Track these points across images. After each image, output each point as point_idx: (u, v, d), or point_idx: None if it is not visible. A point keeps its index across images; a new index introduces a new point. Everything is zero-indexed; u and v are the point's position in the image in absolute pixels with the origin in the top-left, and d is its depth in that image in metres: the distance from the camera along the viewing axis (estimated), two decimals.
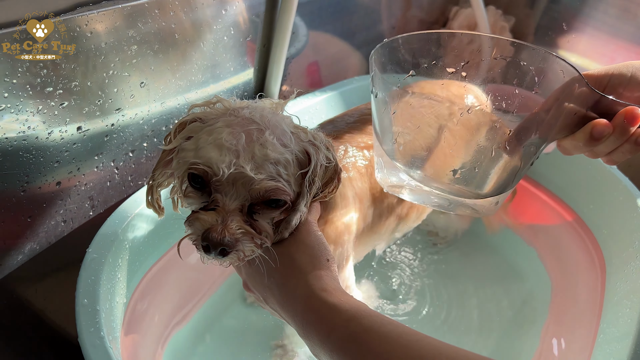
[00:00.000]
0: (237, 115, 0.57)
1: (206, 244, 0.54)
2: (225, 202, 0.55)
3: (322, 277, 0.57)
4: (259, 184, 0.54)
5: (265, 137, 0.54)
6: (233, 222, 0.55)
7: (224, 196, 0.55)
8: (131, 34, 0.81)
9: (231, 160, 0.53)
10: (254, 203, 0.57)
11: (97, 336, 0.66)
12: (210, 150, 0.54)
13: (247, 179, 0.54)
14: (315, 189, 0.60)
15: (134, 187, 0.96)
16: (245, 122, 0.56)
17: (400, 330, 0.50)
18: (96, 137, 0.85)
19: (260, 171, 0.54)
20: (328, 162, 0.61)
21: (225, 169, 0.52)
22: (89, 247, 0.78)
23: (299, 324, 0.56)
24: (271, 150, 0.54)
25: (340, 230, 0.77)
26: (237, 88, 1.09)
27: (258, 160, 0.54)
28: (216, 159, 0.53)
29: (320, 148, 0.60)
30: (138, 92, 0.88)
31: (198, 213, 0.56)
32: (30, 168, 0.77)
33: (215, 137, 0.54)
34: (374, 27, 1.39)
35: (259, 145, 0.54)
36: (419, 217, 0.95)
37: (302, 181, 0.59)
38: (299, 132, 0.59)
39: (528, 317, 1.09)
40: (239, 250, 0.56)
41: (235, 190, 0.55)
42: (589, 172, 1.07)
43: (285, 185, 0.56)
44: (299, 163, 0.59)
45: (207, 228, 0.54)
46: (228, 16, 0.96)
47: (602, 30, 1.32)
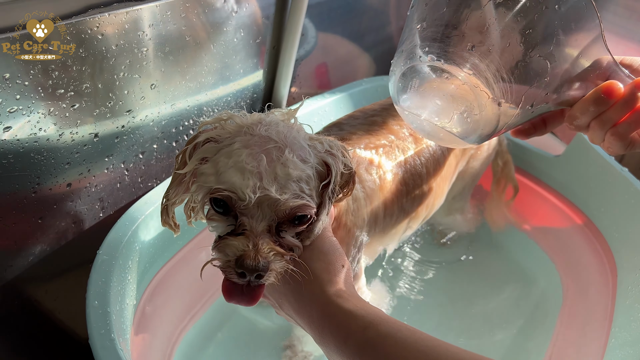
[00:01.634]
0: (253, 133, 0.56)
1: (241, 271, 0.54)
2: (253, 225, 0.55)
3: (337, 283, 0.57)
4: (284, 204, 0.54)
5: (285, 156, 0.54)
6: (264, 245, 0.54)
7: (250, 219, 0.55)
8: (142, 36, 0.81)
9: (255, 183, 0.52)
10: (281, 222, 0.57)
11: (108, 338, 0.66)
12: (233, 175, 0.53)
13: (272, 200, 0.53)
14: (335, 196, 0.60)
15: (144, 188, 0.96)
16: (262, 141, 0.55)
17: (418, 337, 0.50)
18: (106, 139, 0.85)
19: (285, 191, 0.53)
20: (347, 168, 0.61)
21: (252, 194, 0.52)
22: (100, 249, 0.78)
23: (315, 331, 0.56)
24: (293, 169, 0.54)
25: (351, 232, 0.77)
26: (247, 90, 1.09)
27: (281, 181, 0.53)
28: (240, 183, 0.52)
29: (338, 156, 0.60)
30: (148, 94, 0.88)
31: (227, 239, 0.56)
32: (41, 169, 0.77)
33: (236, 159, 0.53)
34: (383, 29, 1.39)
35: (281, 165, 0.53)
36: (428, 215, 0.95)
37: (323, 192, 0.59)
38: (315, 143, 0.59)
39: (539, 320, 1.09)
40: (272, 270, 0.55)
41: (261, 212, 0.54)
42: (599, 175, 1.06)
43: (309, 201, 0.56)
44: (319, 175, 0.58)
45: (240, 255, 0.54)
46: (238, 18, 0.96)
47: (612, 31, 1.31)
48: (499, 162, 1.12)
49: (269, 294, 0.65)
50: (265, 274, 0.55)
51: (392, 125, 0.88)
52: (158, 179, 0.99)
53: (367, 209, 0.80)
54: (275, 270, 0.56)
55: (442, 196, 0.96)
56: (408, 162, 0.85)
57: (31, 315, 0.88)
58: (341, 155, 0.60)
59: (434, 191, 0.91)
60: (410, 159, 0.85)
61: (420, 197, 0.88)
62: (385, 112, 0.91)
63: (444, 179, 0.93)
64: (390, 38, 1.43)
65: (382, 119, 0.89)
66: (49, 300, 0.89)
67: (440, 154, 0.90)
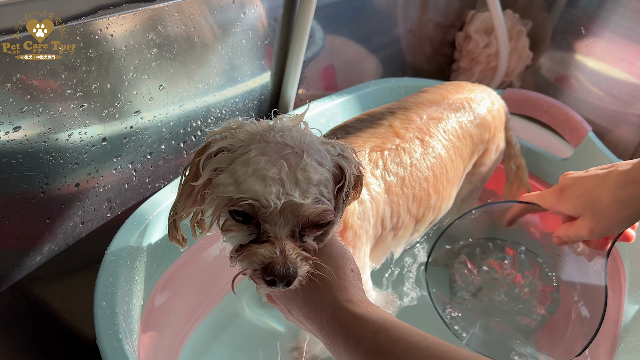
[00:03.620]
0: (267, 140, 0.56)
1: (271, 278, 0.54)
2: (277, 232, 0.55)
3: (347, 288, 0.57)
4: (307, 209, 0.54)
5: (304, 161, 0.54)
6: (291, 251, 0.54)
7: (273, 226, 0.55)
8: (151, 37, 0.81)
9: (278, 190, 0.52)
10: (304, 226, 0.56)
11: (116, 338, 0.66)
12: (254, 183, 0.52)
13: (295, 206, 0.53)
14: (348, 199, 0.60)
15: (152, 189, 0.97)
16: (279, 148, 0.55)
17: (429, 341, 0.50)
18: (115, 140, 0.85)
19: (307, 195, 0.53)
20: (358, 171, 0.61)
21: (277, 201, 0.52)
22: (108, 250, 0.78)
23: (325, 336, 0.56)
24: (313, 173, 0.54)
25: (358, 235, 0.77)
26: (254, 91, 1.09)
27: (302, 186, 0.53)
28: (262, 191, 0.52)
29: (351, 159, 0.60)
30: (157, 95, 0.88)
31: (252, 247, 0.55)
32: (50, 170, 0.78)
33: (255, 167, 0.53)
34: (390, 31, 1.39)
35: (301, 170, 0.53)
36: (435, 218, 0.95)
37: (338, 195, 0.59)
38: (328, 147, 0.59)
39: None
40: (299, 275, 0.55)
41: (284, 218, 0.54)
42: None
43: (329, 204, 0.56)
44: (334, 178, 0.58)
45: (269, 262, 0.53)
46: (246, 20, 0.97)
47: (621, 34, 1.31)
48: (512, 166, 1.11)
49: (278, 300, 0.65)
50: (294, 280, 0.55)
51: (398, 128, 0.87)
52: (166, 179, 0.99)
53: (373, 212, 0.79)
54: (302, 275, 0.56)
55: (450, 200, 0.96)
56: (414, 165, 0.85)
57: (38, 315, 0.88)
58: (353, 158, 0.60)
59: (440, 195, 0.90)
60: (416, 162, 0.85)
61: (427, 201, 0.88)
62: (391, 115, 0.91)
63: (451, 183, 0.93)
64: (397, 40, 1.43)
65: (388, 122, 0.89)
66: (57, 300, 0.90)
67: (447, 158, 0.90)
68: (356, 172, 0.60)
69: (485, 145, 1.00)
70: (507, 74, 1.53)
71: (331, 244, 0.62)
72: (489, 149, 1.02)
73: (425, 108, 0.93)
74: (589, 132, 1.09)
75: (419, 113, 0.91)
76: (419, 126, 0.89)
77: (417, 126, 0.89)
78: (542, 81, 1.52)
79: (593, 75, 1.36)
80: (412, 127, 0.88)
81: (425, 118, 0.91)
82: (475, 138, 0.96)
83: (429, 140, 0.88)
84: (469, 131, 0.94)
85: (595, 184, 0.78)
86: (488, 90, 1.06)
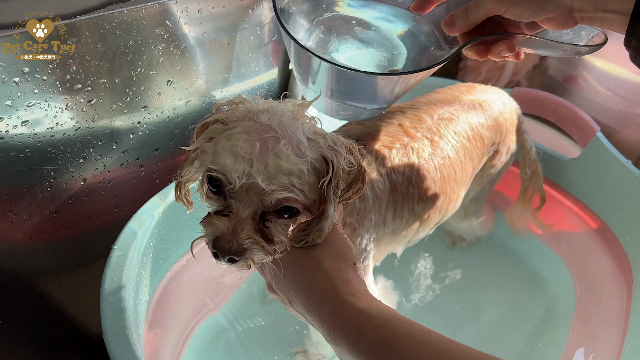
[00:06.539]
0: (256, 120, 0.56)
1: (215, 251, 0.55)
2: (239, 209, 0.56)
3: (349, 281, 0.56)
4: (270, 195, 0.54)
5: (279, 147, 0.54)
6: (243, 230, 0.55)
7: (238, 203, 0.56)
8: (160, 32, 0.81)
9: (244, 169, 0.53)
10: (266, 211, 0.57)
11: (122, 334, 0.66)
12: (226, 157, 0.54)
13: (259, 189, 0.54)
14: (340, 192, 0.60)
15: (159, 184, 0.96)
16: (262, 129, 0.55)
17: (433, 337, 0.49)
18: (122, 134, 0.85)
19: (272, 182, 0.54)
20: (350, 165, 0.60)
21: (237, 180, 0.53)
22: (114, 245, 0.78)
23: (325, 329, 0.56)
24: (284, 161, 0.54)
25: (357, 232, 0.77)
26: (262, 88, 1.08)
27: (271, 171, 0.53)
28: (230, 167, 0.53)
29: (341, 152, 0.59)
30: (165, 90, 0.88)
31: (212, 217, 0.57)
32: (57, 164, 0.78)
33: (233, 143, 0.54)
34: None
35: (273, 155, 0.54)
36: (442, 219, 0.94)
37: (327, 188, 0.58)
38: (318, 138, 0.58)
39: (551, 325, 1.08)
40: (247, 258, 0.56)
41: (249, 198, 0.55)
42: (615, 179, 1.04)
43: (299, 195, 0.56)
44: (316, 170, 0.58)
45: (218, 235, 0.55)
46: (254, 16, 0.96)
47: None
48: (527, 171, 1.10)
49: (279, 290, 0.64)
50: (238, 259, 0.55)
51: (408, 127, 0.87)
52: (173, 175, 0.99)
53: (375, 209, 0.79)
54: (251, 258, 0.56)
55: (457, 202, 0.95)
56: (421, 165, 0.84)
57: (44, 309, 0.89)
58: (345, 152, 0.60)
59: (447, 196, 0.90)
60: (424, 162, 0.85)
61: (433, 202, 0.87)
62: (402, 114, 0.90)
63: (459, 184, 0.92)
64: None
65: (398, 121, 0.88)
66: (63, 294, 0.90)
67: (456, 159, 0.89)
68: (347, 167, 0.59)
69: (495, 147, 1.00)
70: (514, 73, 1.52)
71: (333, 237, 0.61)
72: (500, 150, 1.01)
73: (436, 108, 0.92)
74: (598, 132, 1.09)
75: (429, 113, 0.91)
76: (429, 126, 0.88)
77: (427, 126, 0.88)
78: (549, 80, 1.51)
79: (601, 75, 1.35)
80: (422, 127, 0.88)
81: (436, 118, 0.90)
82: (486, 140, 0.95)
83: (438, 141, 0.87)
84: (480, 133, 0.94)
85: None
86: (500, 92, 1.05)
